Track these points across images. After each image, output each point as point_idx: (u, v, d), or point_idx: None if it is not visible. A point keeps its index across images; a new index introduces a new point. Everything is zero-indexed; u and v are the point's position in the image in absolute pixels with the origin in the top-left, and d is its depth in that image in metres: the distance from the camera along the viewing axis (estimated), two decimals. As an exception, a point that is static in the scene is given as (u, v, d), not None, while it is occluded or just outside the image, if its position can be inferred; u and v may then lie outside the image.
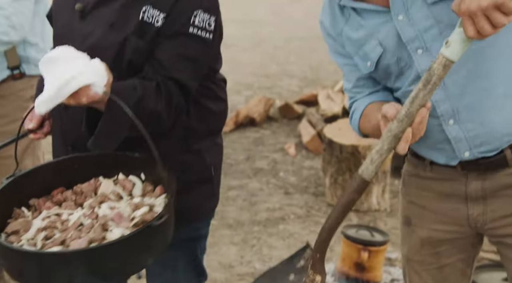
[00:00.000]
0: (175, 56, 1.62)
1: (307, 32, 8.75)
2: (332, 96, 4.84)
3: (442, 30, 1.37)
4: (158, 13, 1.60)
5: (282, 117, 5.17)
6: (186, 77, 1.64)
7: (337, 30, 1.56)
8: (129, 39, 1.61)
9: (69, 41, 1.68)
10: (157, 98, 1.59)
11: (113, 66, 1.61)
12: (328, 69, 6.76)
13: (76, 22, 1.70)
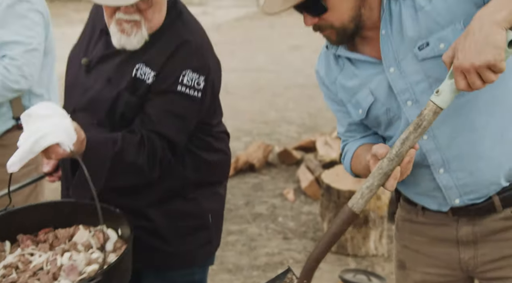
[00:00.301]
0: (163, 112, 1.71)
1: (306, 80, 8.92)
2: (330, 142, 4.92)
3: (432, 84, 1.45)
4: (150, 71, 1.71)
5: (281, 163, 5.23)
6: (173, 132, 1.73)
7: (331, 78, 1.65)
8: (122, 94, 1.72)
9: (74, 92, 1.84)
10: (138, 152, 1.68)
11: (107, 118, 1.74)
12: (326, 116, 6.86)
13: (82, 75, 1.82)
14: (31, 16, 2.37)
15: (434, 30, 1.43)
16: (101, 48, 1.81)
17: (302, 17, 1.50)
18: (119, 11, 1.66)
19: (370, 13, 1.50)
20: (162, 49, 1.72)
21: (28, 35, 2.35)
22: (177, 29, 1.75)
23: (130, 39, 1.68)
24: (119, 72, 1.75)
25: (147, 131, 1.71)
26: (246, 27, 15.72)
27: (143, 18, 1.67)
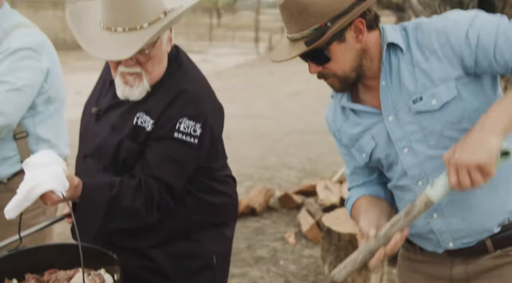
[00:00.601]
0: (161, 157, 1.80)
1: (306, 126, 9.08)
2: (330, 187, 5.00)
3: (426, 135, 1.56)
4: (149, 119, 1.81)
5: (282, 207, 5.29)
6: (171, 177, 1.81)
7: (337, 126, 1.75)
8: (124, 141, 1.83)
9: (85, 139, 1.97)
10: (135, 196, 1.77)
11: (111, 164, 1.85)
12: (326, 161, 6.97)
13: (92, 124, 1.94)
14: (28, 62, 2.41)
15: (428, 87, 1.53)
16: (109, 98, 1.93)
17: (301, 65, 1.61)
18: (121, 64, 1.77)
19: (371, 63, 1.59)
20: (161, 99, 1.82)
21: (16, 76, 2.38)
22: (176, 79, 1.85)
23: (133, 90, 1.79)
24: (123, 120, 1.86)
25: (145, 176, 1.79)
26: (246, 74, 16.01)
27: (144, 70, 1.77)
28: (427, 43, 1.54)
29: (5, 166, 2.50)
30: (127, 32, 1.69)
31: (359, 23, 1.52)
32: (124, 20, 1.68)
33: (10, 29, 2.43)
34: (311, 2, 1.48)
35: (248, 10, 42.54)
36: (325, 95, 7.77)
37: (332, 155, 7.25)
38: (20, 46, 2.39)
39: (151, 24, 1.70)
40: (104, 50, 1.71)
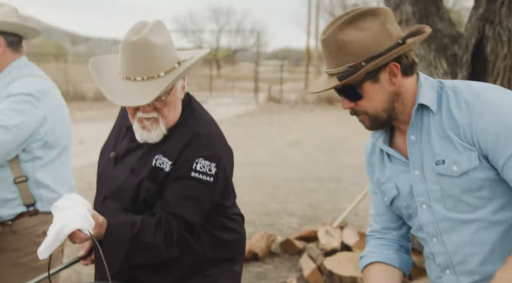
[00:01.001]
0: (180, 196, 1.93)
1: (305, 174, 9.21)
2: (331, 232, 5.09)
3: (444, 196, 1.60)
4: (167, 160, 1.95)
5: (284, 253, 5.35)
6: (189, 214, 1.94)
7: (371, 162, 1.82)
8: (144, 182, 1.95)
9: (104, 182, 2.08)
10: (155, 232, 1.89)
11: (132, 204, 1.97)
12: (326, 208, 7.07)
13: (111, 167, 2.07)
14: (24, 106, 2.50)
15: (451, 152, 1.56)
16: (126, 143, 2.06)
17: (299, 115, 1.76)
18: (139, 110, 1.91)
19: (404, 108, 1.63)
20: (177, 142, 1.96)
21: (8, 116, 2.45)
22: (189, 124, 2.00)
23: (150, 134, 1.93)
24: (141, 162, 1.98)
25: (164, 214, 1.91)
26: (246, 123, 16.24)
27: (160, 115, 1.92)
28: (457, 115, 1.57)
29: (7, 208, 2.58)
30: (145, 81, 1.83)
31: (394, 67, 1.58)
32: (142, 70, 1.82)
33: (17, 78, 2.56)
34: (348, 41, 1.54)
35: (247, 62, 43.33)
36: (324, 144, 8.18)
37: (332, 202, 7.37)
38: (21, 91, 2.50)
39: (167, 73, 1.85)
40: (124, 97, 1.84)
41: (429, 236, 1.67)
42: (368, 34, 1.55)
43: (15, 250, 2.63)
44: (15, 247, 2.63)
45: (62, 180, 2.74)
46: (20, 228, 2.62)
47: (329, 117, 18.05)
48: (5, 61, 2.58)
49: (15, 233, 2.62)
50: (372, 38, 1.55)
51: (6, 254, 2.63)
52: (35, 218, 2.63)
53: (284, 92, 25.24)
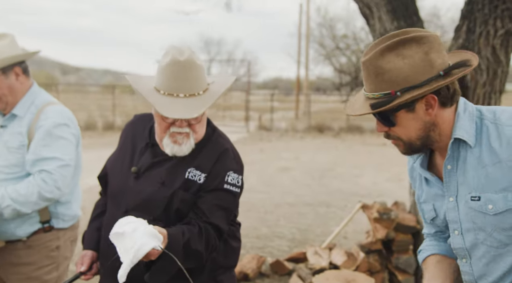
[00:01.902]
0: (213, 206, 2.10)
1: (295, 199, 9.37)
2: (320, 252, 5.23)
3: (475, 229, 1.62)
4: (200, 173, 2.11)
5: (274, 273, 5.46)
6: (222, 222, 2.13)
7: (413, 175, 1.86)
8: (177, 193, 2.10)
9: (124, 196, 2.17)
10: (200, 240, 2.05)
11: (164, 214, 2.10)
12: (316, 231, 7.21)
13: (131, 181, 2.17)
14: (67, 137, 2.74)
15: (488, 190, 1.54)
16: (149, 158, 2.17)
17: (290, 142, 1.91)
18: (174, 125, 2.05)
19: (440, 138, 1.61)
20: (209, 156, 2.13)
21: (63, 153, 2.68)
22: (216, 140, 2.19)
23: (181, 147, 2.08)
24: (172, 176, 2.12)
25: (203, 223, 2.07)
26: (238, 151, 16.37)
27: (192, 131, 2.08)
28: (497, 149, 1.53)
29: (26, 226, 2.74)
30: (187, 98, 1.98)
31: (431, 99, 1.53)
32: (186, 87, 1.97)
33: (40, 105, 2.76)
34: (388, 69, 1.51)
35: (238, 91, 43.72)
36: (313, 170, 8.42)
37: (321, 226, 7.52)
38: (58, 122, 2.71)
39: (204, 92, 2.02)
40: (173, 111, 1.96)
41: (459, 256, 1.73)
42: (408, 63, 1.49)
43: (29, 264, 2.77)
44: (29, 261, 2.77)
45: (77, 197, 2.92)
46: (35, 244, 2.78)
47: (319, 145, 18.29)
48: (24, 89, 2.78)
49: (30, 248, 2.77)
50: (411, 67, 1.49)
51: (18, 268, 2.76)
52: (49, 234, 2.80)
53: (275, 121, 25.52)
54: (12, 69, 2.72)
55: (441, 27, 29.24)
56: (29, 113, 2.73)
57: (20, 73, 2.75)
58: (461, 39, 4.36)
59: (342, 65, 34.45)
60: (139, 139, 2.23)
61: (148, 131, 2.25)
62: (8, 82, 2.70)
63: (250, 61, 35.62)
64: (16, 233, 2.72)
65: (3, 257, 2.78)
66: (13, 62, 2.70)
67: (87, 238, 2.35)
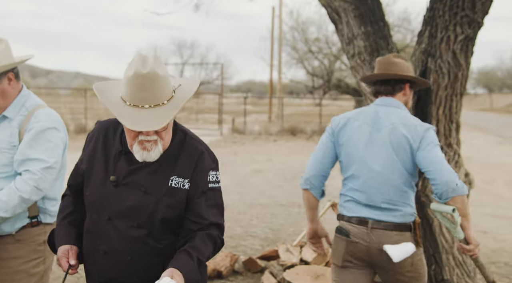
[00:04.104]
0: (207, 207, 2.24)
1: (268, 199, 9.54)
2: (291, 249, 5.40)
3: None
4: (183, 180, 2.23)
5: (247, 271, 5.61)
6: (220, 219, 2.28)
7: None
8: (162, 200, 2.20)
9: (105, 204, 2.23)
10: (207, 248, 2.20)
11: (148, 220, 2.20)
12: (288, 231, 7.39)
13: (110, 190, 2.23)
14: (55, 141, 2.84)
15: None
16: (125, 165, 2.22)
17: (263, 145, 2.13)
18: (142, 134, 2.10)
19: None
20: (187, 162, 2.23)
21: (49, 155, 2.79)
22: (191, 144, 2.28)
23: (150, 153, 2.15)
24: (153, 182, 2.20)
25: (205, 227, 2.20)
26: (210, 153, 16.45)
27: (159, 138, 2.16)
28: None
29: (17, 221, 2.84)
30: (152, 108, 2.04)
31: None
32: (150, 99, 2.04)
33: (31, 108, 2.88)
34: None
35: (211, 94, 43.80)
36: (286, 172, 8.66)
37: (293, 226, 7.69)
38: (47, 125, 2.83)
39: (169, 100, 2.10)
40: (138, 123, 2.03)
41: None
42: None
43: (16, 258, 2.86)
44: (16, 255, 2.87)
45: (60, 194, 2.96)
46: (24, 238, 2.88)
47: (292, 147, 18.51)
48: (15, 92, 2.90)
49: (20, 242, 2.87)
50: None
51: (6, 262, 2.86)
52: (37, 228, 2.91)
53: (248, 124, 25.69)
54: (6, 75, 2.83)
55: (411, 31, 29.84)
56: (20, 116, 2.84)
57: (12, 78, 2.86)
58: (424, 44, 4.58)
59: (314, 68, 34.88)
60: (111, 147, 2.28)
61: (119, 138, 2.29)
62: (1, 87, 2.81)
63: (223, 64, 35.73)
64: (4, 228, 2.81)
65: None
66: (8, 69, 2.81)
67: (62, 234, 2.37)
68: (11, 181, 2.77)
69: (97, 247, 2.24)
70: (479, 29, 4.42)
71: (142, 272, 2.22)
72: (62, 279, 2.33)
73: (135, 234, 2.19)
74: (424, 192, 4.62)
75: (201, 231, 2.21)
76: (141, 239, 2.19)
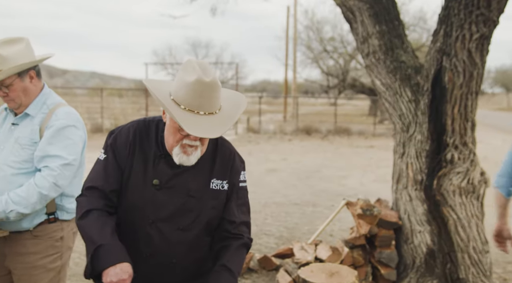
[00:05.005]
0: (237, 206, 2.35)
1: (283, 198, 9.55)
2: (306, 248, 5.42)
3: None
4: (221, 182, 2.31)
5: (262, 269, 5.66)
6: (248, 217, 2.38)
7: None
8: (207, 202, 2.27)
9: (147, 208, 2.24)
10: (243, 254, 2.29)
11: (194, 223, 2.26)
12: (302, 230, 7.41)
13: (153, 194, 2.24)
14: (74, 138, 2.91)
15: None
16: (166, 169, 2.24)
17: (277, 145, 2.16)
18: (187, 138, 2.14)
19: None
20: (223, 164, 2.32)
21: (68, 153, 2.86)
22: (225, 147, 2.37)
23: (189, 158, 2.18)
24: (196, 185, 2.25)
25: (238, 226, 2.30)
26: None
27: (201, 144, 2.20)
28: None
29: (35, 217, 2.92)
30: (207, 116, 2.07)
31: None
32: (207, 106, 2.07)
33: (52, 105, 2.95)
34: None
35: (227, 94, 43.75)
36: (301, 172, 8.66)
37: (308, 224, 7.71)
38: (67, 123, 2.90)
39: (219, 110, 2.14)
40: (197, 129, 2.04)
41: None
42: None
43: (34, 253, 2.94)
44: (34, 250, 2.94)
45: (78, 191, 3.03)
46: (41, 233, 2.96)
47: (307, 147, 18.51)
48: (37, 90, 2.98)
49: (37, 237, 2.95)
50: None
51: (24, 257, 2.93)
52: (54, 224, 2.98)
53: (263, 123, 25.73)
54: (27, 73, 2.91)
55: (427, 30, 29.70)
56: (41, 113, 2.92)
57: (34, 76, 2.94)
58: (439, 43, 4.58)
59: (329, 68, 34.86)
60: (147, 150, 2.28)
61: (154, 142, 2.29)
62: (23, 84, 2.89)
63: (238, 64, 35.76)
64: (23, 224, 2.88)
65: (10, 247, 2.94)
66: (29, 67, 2.88)
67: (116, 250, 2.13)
68: (31, 177, 2.83)
69: (140, 250, 2.24)
70: (494, 28, 4.41)
71: (184, 273, 2.28)
72: (78, 275, 2.38)
73: (180, 237, 2.24)
74: (440, 190, 4.63)
75: (235, 235, 2.29)
76: (186, 242, 2.24)
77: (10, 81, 2.86)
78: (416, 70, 5.05)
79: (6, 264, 2.98)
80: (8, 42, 2.87)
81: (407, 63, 5.07)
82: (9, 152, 2.87)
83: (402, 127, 5.04)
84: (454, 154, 4.60)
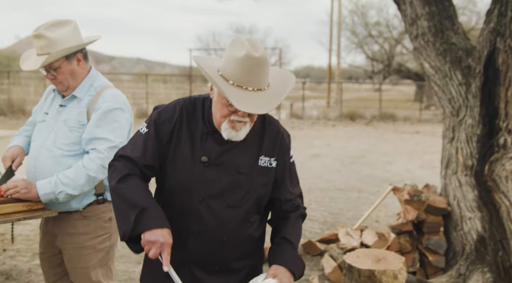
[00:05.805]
0: (292, 181, 2.36)
1: (327, 184, 9.49)
2: (351, 233, 5.36)
3: None
4: (269, 158, 2.29)
5: (306, 254, 5.64)
6: (299, 188, 2.43)
7: None
8: (256, 179, 2.26)
9: (197, 185, 2.21)
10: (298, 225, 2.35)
11: (243, 200, 2.25)
12: (347, 215, 7.34)
13: (202, 171, 2.20)
14: (121, 121, 2.93)
15: None
16: (215, 146, 2.21)
17: (321, 130, 2.12)
18: (235, 114, 2.10)
19: None
20: (271, 142, 2.29)
21: (115, 135, 2.88)
22: (273, 124, 2.34)
23: (238, 133, 2.15)
24: (245, 162, 2.23)
25: (293, 202, 2.34)
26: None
27: (250, 120, 2.17)
28: None
29: (84, 198, 2.96)
30: (255, 92, 2.05)
31: None
32: (255, 82, 2.04)
33: (99, 88, 2.97)
34: None
35: (270, 79, 43.66)
36: (345, 157, 8.58)
37: (352, 210, 7.64)
38: (113, 106, 2.92)
39: (268, 86, 2.12)
40: (246, 104, 2.02)
41: None
42: None
43: (84, 233, 2.99)
44: (84, 231, 2.99)
45: None
46: (90, 214, 2.99)
47: (350, 133, 18.32)
48: (84, 72, 3.01)
49: (86, 218, 2.99)
50: None
51: (74, 237, 2.99)
52: (103, 205, 3.02)
53: (306, 109, 25.58)
54: (75, 55, 2.93)
55: (477, 13, 28.83)
56: (88, 96, 2.95)
57: (81, 58, 2.96)
58: (493, 23, 4.41)
59: (374, 53, 34.30)
60: (194, 127, 2.25)
61: (201, 118, 2.26)
62: (70, 67, 2.92)
63: (282, 49, 35.54)
64: (73, 204, 2.93)
65: (60, 227, 3.00)
66: (77, 50, 2.91)
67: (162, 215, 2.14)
68: (79, 159, 2.87)
69: (189, 228, 2.23)
70: (553, 7, 4.21)
71: (234, 251, 2.27)
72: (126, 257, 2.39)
73: (230, 214, 2.22)
74: (491, 176, 4.49)
75: (293, 211, 2.33)
76: (237, 219, 2.24)
77: (58, 64, 2.89)
78: (467, 52, 4.89)
79: (56, 244, 3.04)
80: (56, 24, 2.89)
81: (457, 45, 4.92)
82: (58, 134, 2.91)
83: (452, 111, 4.90)
84: (507, 139, 4.44)
